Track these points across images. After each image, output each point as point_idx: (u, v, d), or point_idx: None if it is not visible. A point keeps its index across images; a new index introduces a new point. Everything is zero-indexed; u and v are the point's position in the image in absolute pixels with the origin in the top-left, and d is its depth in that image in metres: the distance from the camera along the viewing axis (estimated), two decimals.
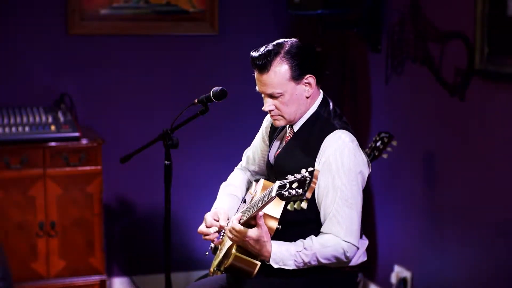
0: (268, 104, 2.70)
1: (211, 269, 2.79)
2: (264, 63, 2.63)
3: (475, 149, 3.49)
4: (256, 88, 2.71)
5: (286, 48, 2.66)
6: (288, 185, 2.31)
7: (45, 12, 4.26)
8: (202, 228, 2.78)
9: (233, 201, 2.91)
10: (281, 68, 2.64)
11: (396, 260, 4.13)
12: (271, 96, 2.68)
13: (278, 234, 2.57)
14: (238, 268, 2.57)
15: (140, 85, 4.43)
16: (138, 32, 4.40)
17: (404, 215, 4.10)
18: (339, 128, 2.67)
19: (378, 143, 3.67)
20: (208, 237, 2.76)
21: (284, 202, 2.44)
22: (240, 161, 3.09)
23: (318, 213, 2.64)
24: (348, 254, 2.60)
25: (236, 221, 2.54)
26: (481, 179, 3.45)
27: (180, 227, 4.47)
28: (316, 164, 2.62)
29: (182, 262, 4.52)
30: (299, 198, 2.29)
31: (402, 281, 4.02)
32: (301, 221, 2.64)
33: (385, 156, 3.68)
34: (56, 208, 3.94)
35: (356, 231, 2.62)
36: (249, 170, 3.05)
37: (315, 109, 2.73)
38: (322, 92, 2.78)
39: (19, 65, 4.25)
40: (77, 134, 3.95)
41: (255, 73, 2.69)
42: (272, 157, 2.82)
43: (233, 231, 2.53)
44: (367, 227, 4.28)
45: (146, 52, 4.43)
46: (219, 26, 4.47)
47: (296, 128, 2.75)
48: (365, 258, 2.77)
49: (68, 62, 4.32)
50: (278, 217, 2.53)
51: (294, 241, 2.61)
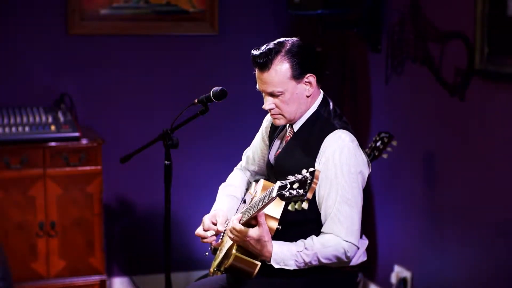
0: (269, 103, 2.69)
1: (211, 270, 2.79)
2: (265, 61, 2.63)
3: (475, 149, 3.48)
4: (257, 87, 2.71)
5: (287, 47, 2.65)
6: (289, 186, 2.31)
7: (45, 12, 4.26)
8: (200, 231, 2.77)
9: (232, 202, 2.91)
10: (282, 67, 2.63)
11: (396, 260, 4.13)
12: (272, 95, 2.67)
13: (279, 235, 2.56)
14: (238, 269, 2.57)
15: (140, 85, 4.43)
16: (138, 32, 4.40)
17: (404, 215, 4.10)
18: (339, 128, 2.67)
19: (378, 143, 3.67)
20: (206, 240, 2.76)
21: (285, 203, 2.44)
22: (240, 161, 3.09)
23: (318, 213, 2.64)
24: (349, 254, 2.60)
25: (237, 221, 2.54)
26: (481, 179, 3.45)
27: (180, 227, 4.46)
28: (316, 164, 2.62)
29: (182, 262, 4.52)
30: (300, 199, 2.29)
31: (402, 281, 4.02)
32: (301, 222, 2.64)
33: (385, 156, 3.68)
34: (56, 208, 3.94)
35: (357, 231, 2.62)
36: (249, 170, 3.05)
37: (315, 109, 2.73)
38: (322, 92, 2.78)
39: (19, 65, 4.25)
40: (77, 134, 3.95)
41: (256, 72, 2.68)
42: (273, 157, 2.82)
43: (234, 231, 2.53)
44: (367, 227, 4.28)
45: (146, 52, 4.43)
46: (219, 26, 4.47)
47: (296, 128, 2.75)
48: (365, 258, 2.77)
49: (68, 62, 4.32)
50: (278, 218, 2.53)
51: (295, 241, 2.61)
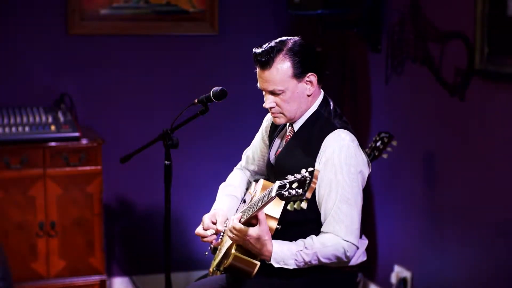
0: (269, 101, 2.69)
1: (211, 269, 2.79)
2: (267, 59, 2.62)
3: (475, 149, 3.48)
4: (257, 85, 2.70)
5: (289, 46, 2.65)
6: (288, 185, 2.30)
7: (45, 12, 4.26)
8: (199, 230, 2.77)
9: (232, 202, 2.91)
10: (283, 65, 2.63)
11: (396, 260, 4.13)
12: (272, 93, 2.67)
13: (278, 234, 2.56)
14: (238, 268, 2.56)
15: (140, 85, 4.43)
16: (138, 32, 4.40)
17: (404, 215, 4.10)
18: (340, 128, 2.66)
19: (378, 143, 3.67)
20: (205, 239, 2.76)
21: (284, 202, 2.44)
22: (240, 161, 3.09)
23: (318, 213, 2.64)
24: (348, 254, 2.60)
25: (237, 220, 2.54)
26: (481, 179, 3.45)
27: (180, 227, 4.46)
28: (317, 164, 2.62)
29: (182, 262, 4.52)
30: (299, 198, 2.29)
31: (402, 281, 4.02)
32: (301, 221, 2.63)
33: (385, 156, 3.68)
34: (56, 208, 3.94)
35: (356, 231, 2.61)
36: (249, 170, 3.05)
37: (316, 108, 2.72)
38: (323, 92, 2.78)
39: (19, 65, 4.25)
40: (77, 134, 3.95)
41: (257, 70, 2.68)
42: (273, 157, 2.82)
43: (234, 230, 2.53)
44: (367, 227, 4.28)
45: (146, 52, 4.43)
46: (219, 26, 4.47)
47: (297, 127, 2.74)
48: (365, 258, 2.77)
49: (68, 62, 4.32)
50: (278, 217, 2.53)
51: (295, 241, 2.61)
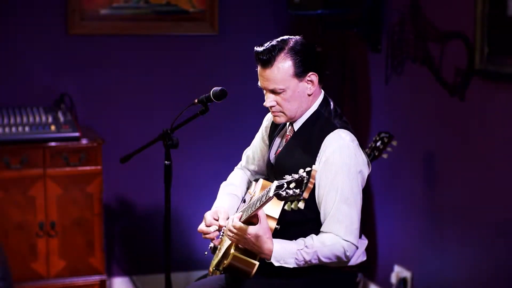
0: (270, 100, 2.69)
1: (210, 269, 2.79)
2: (268, 58, 2.62)
3: (475, 149, 3.48)
4: (258, 84, 2.70)
5: (291, 45, 2.65)
6: (286, 185, 2.31)
7: (45, 12, 4.26)
8: (202, 227, 2.77)
9: (233, 201, 2.91)
10: (285, 64, 2.63)
11: (396, 260, 4.13)
12: (273, 92, 2.67)
13: (278, 234, 2.56)
14: (237, 268, 2.56)
15: (140, 85, 4.43)
16: (138, 32, 4.40)
17: (404, 215, 4.10)
18: (340, 128, 2.67)
19: (378, 143, 3.67)
20: (208, 236, 2.76)
21: (283, 202, 2.44)
22: (240, 161, 3.09)
23: (318, 213, 2.64)
24: (348, 253, 2.60)
25: (237, 219, 2.54)
26: (481, 179, 3.45)
27: (180, 227, 4.46)
28: (317, 163, 2.62)
29: (182, 262, 4.52)
30: (296, 198, 2.29)
31: (402, 281, 4.02)
32: (300, 221, 2.64)
33: (385, 156, 3.68)
34: (56, 208, 3.94)
35: (356, 230, 2.62)
36: (249, 170, 3.05)
37: (316, 108, 2.73)
38: (323, 92, 2.78)
39: (19, 65, 4.25)
40: (77, 134, 3.95)
41: (258, 68, 2.68)
42: (273, 156, 2.82)
43: (234, 229, 2.53)
44: (367, 227, 4.28)
45: (146, 52, 4.43)
46: (219, 26, 4.47)
47: (297, 127, 2.74)
48: (365, 258, 2.77)
49: (68, 62, 4.32)
50: (277, 217, 2.53)
51: (295, 240, 2.61)
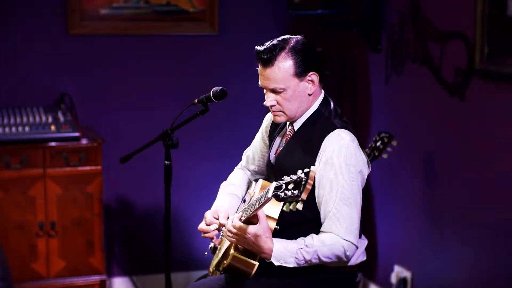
0: (270, 99, 2.69)
1: (210, 269, 2.79)
2: (269, 57, 2.62)
3: (475, 149, 3.48)
4: (259, 83, 2.70)
5: (292, 44, 2.65)
6: (284, 186, 2.31)
7: (45, 12, 4.26)
8: (202, 226, 2.77)
9: (233, 200, 2.91)
10: (285, 64, 2.63)
11: (396, 260, 4.13)
12: (274, 91, 2.67)
13: (278, 234, 2.56)
14: (236, 268, 2.57)
15: (140, 85, 4.43)
16: (138, 32, 4.40)
17: (404, 215, 4.10)
18: (340, 127, 2.67)
19: (378, 143, 3.67)
20: (208, 235, 2.76)
21: (282, 203, 2.44)
22: (240, 161, 3.09)
23: (317, 213, 2.64)
24: (348, 253, 2.60)
25: (237, 219, 2.54)
26: (481, 179, 3.45)
27: (180, 227, 4.46)
28: (317, 163, 2.62)
29: (182, 262, 4.52)
30: (295, 199, 2.29)
31: (402, 281, 4.02)
32: (300, 221, 2.63)
33: (385, 156, 3.68)
34: (56, 208, 3.94)
35: (356, 230, 2.62)
36: (249, 170, 3.05)
37: (316, 108, 2.72)
38: (323, 92, 2.78)
39: (19, 65, 4.25)
40: (77, 134, 3.95)
41: (259, 67, 2.68)
42: (273, 156, 2.82)
43: (234, 229, 2.53)
44: (367, 227, 4.28)
45: (146, 52, 4.43)
46: (219, 26, 4.47)
47: (297, 127, 2.74)
48: (364, 258, 2.77)
49: (68, 62, 4.32)
50: (276, 218, 2.53)
51: (295, 239, 2.61)
